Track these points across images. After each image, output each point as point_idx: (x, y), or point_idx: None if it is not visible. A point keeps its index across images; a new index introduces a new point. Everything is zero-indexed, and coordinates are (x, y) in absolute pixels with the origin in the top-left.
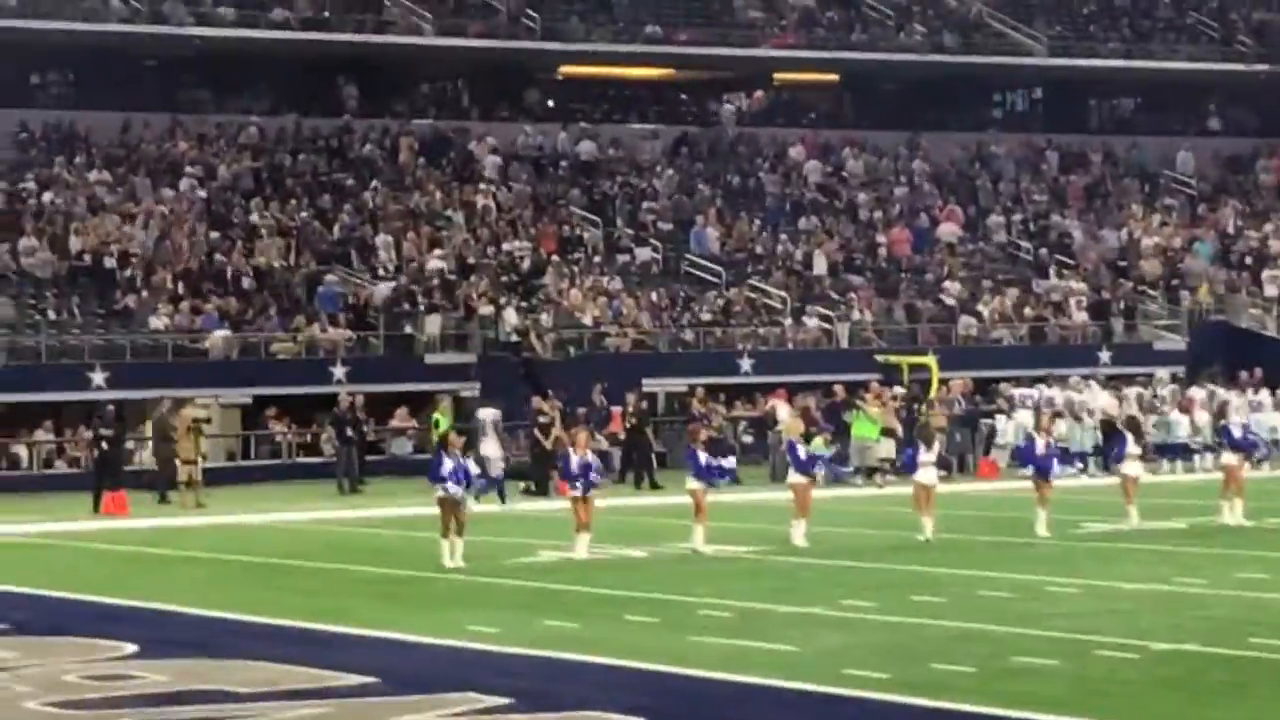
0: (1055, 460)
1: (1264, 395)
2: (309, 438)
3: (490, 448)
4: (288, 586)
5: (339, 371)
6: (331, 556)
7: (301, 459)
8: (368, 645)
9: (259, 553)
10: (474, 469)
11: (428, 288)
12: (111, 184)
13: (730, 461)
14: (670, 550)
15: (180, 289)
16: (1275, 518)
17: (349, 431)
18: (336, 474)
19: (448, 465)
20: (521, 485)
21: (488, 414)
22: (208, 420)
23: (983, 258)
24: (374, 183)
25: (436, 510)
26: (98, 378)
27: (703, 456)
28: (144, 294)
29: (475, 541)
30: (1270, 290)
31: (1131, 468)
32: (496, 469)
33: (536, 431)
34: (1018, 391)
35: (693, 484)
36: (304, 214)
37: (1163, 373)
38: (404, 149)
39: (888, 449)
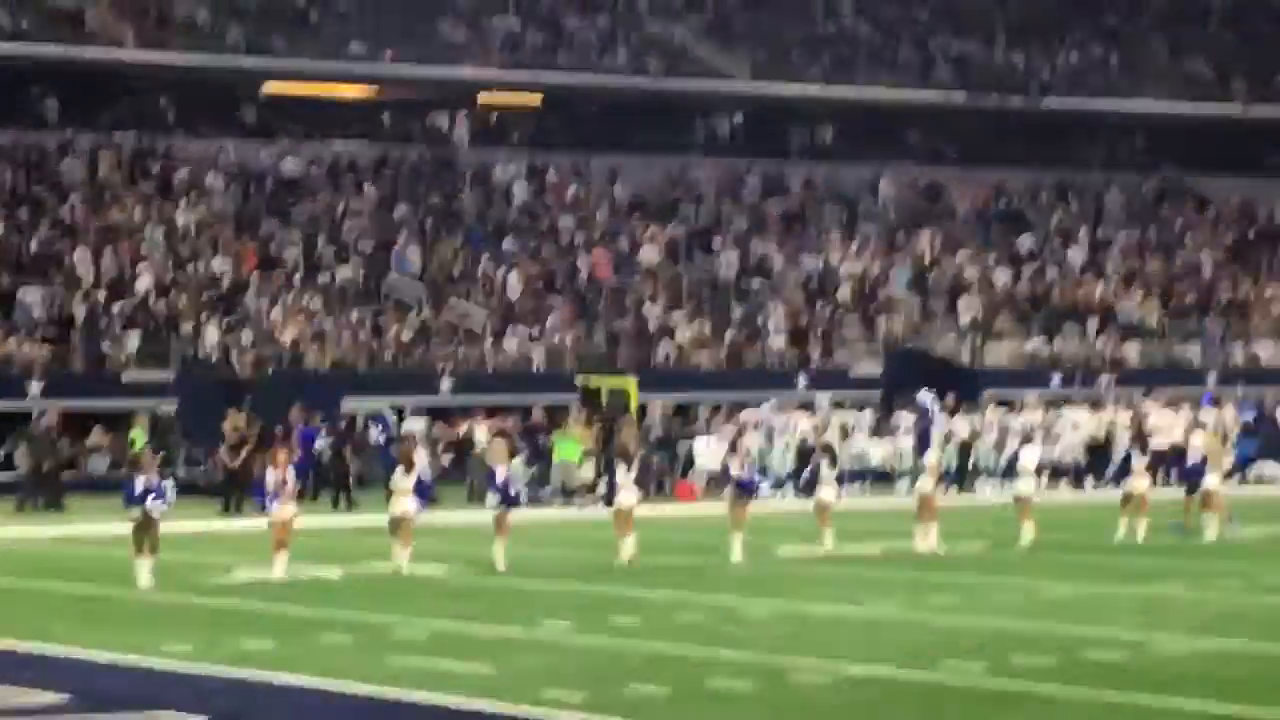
0: (752, 482)
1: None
2: (1, 455)
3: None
4: None
5: (35, 387)
6: (25, 574)
7: None
8: (61, 664)
9: None
10: (159, 489)
11: (127, 304)
12: None
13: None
14: (367, 570)
15: None
16: (970, 542)
17: (42, 448)
18: (24, 491)
19: (140, 484)
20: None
21: (414, 425)
22: None
23: (683, 282)
24: (73, 197)
25: (130, 529)
26: None
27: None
28: None
29: (170, 561)
30: (965, 318)
31: (826, 493)
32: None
33: (223, 450)
34: (746, 414)
35: (403, 507)
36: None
37: (824, 399)
38: (105, 163)
39: (589, 471)
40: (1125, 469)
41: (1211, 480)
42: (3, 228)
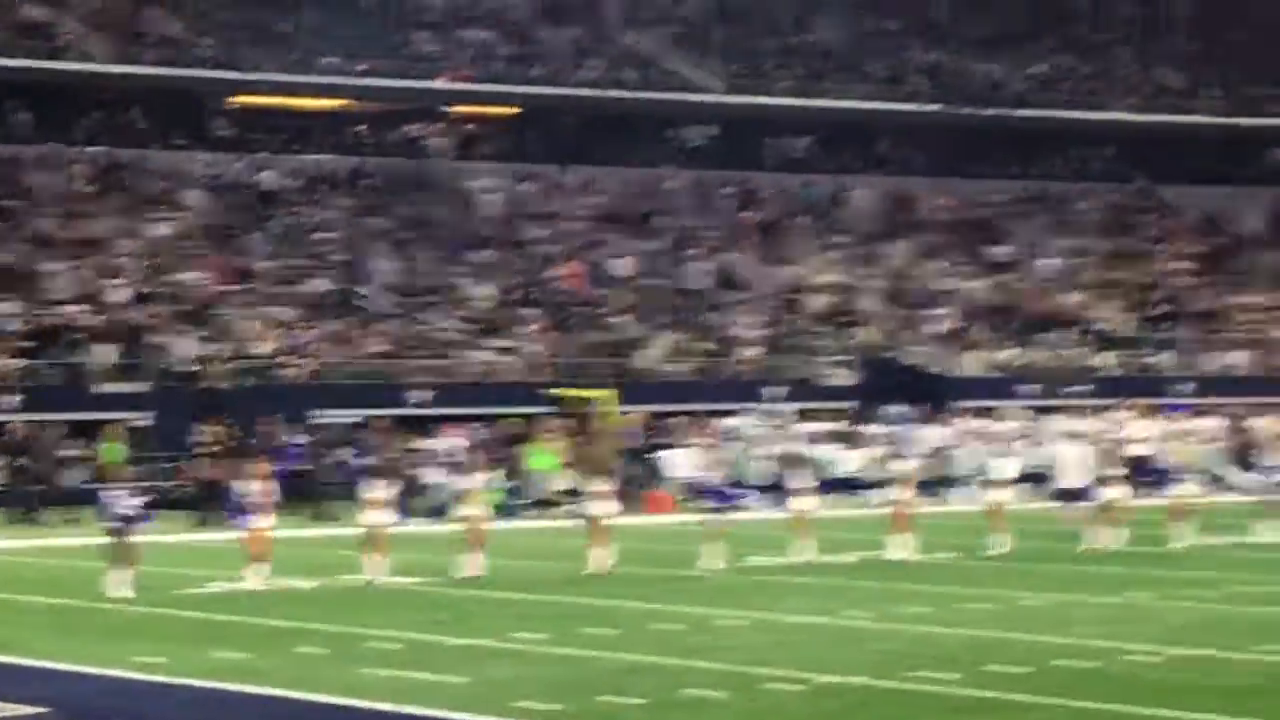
0: (727, 492)
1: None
2: None
3: (435, 475)
4: None
5: (13, 400)
6: None
7: None
8: (37, 675)
9: None
10: (137, 502)
11: (101, 317)
12: None
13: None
14: (341, 582)
15: None
16: (943, 553)
17: (20, 460)
18: (3, 503)
19: (115, 497)
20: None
21: (442, 444)
22: None
23: (656, 293)
24: (46, 210)
25: (106, 540)
26: None
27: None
28: None
29: (146, 572)
30: (937, 328)
31: (802, 503)
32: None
33: (197, 463)
34: (727, 422)
35: (375, 518)
36: None
37: (794, 410)
38: (77, 176)
39: (565, 481)
40: (1100, 479)
41: (1182, 489)
42: None
